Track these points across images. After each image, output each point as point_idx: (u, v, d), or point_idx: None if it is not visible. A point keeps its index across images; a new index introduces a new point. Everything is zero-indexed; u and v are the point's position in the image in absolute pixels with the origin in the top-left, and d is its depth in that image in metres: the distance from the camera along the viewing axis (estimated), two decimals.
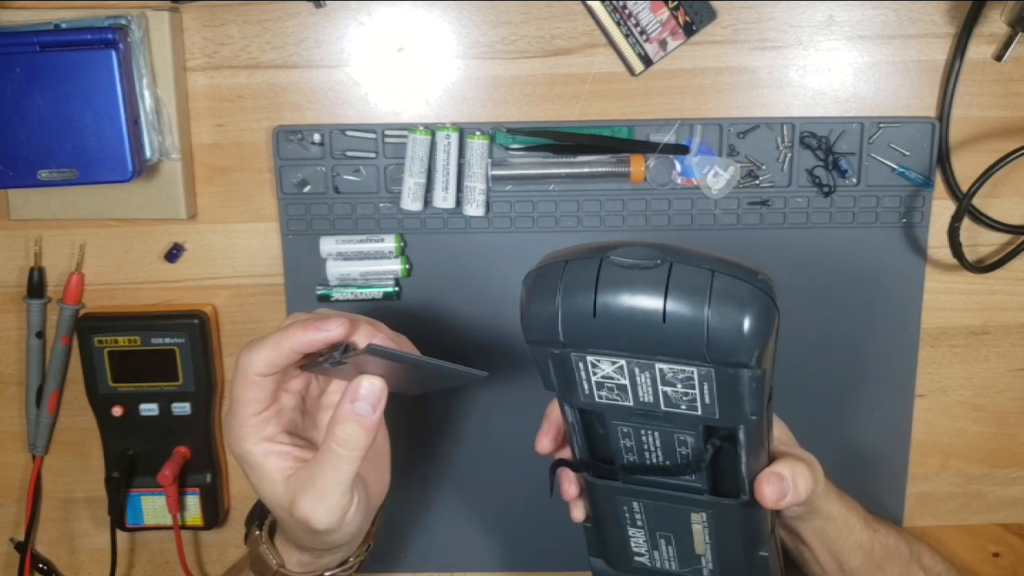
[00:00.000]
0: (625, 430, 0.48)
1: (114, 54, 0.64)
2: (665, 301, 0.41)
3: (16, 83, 0.64)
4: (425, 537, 0.80)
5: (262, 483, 0.53)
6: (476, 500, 0.79)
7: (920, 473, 0.79)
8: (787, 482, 0.50)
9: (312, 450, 0.54)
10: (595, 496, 0.53)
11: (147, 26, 0.67)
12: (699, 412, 0.45)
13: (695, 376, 0.43)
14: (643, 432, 0.48)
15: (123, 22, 0.66)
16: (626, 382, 0.45)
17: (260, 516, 0.60)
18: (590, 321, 0.42)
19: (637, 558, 0.55)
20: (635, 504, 0.51)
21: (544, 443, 0.56)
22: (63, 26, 0.66)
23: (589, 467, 0.51)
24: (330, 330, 0.49)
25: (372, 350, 0.47)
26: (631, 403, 0.46)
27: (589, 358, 0.44)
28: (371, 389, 0.49)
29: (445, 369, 0.49)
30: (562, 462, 0.53)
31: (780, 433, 0.58)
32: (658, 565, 0.55)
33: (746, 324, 0.41)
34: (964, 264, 0.70)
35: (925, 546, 0.71)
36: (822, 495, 0.58)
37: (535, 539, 0.79)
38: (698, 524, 0.51)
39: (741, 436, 0.46)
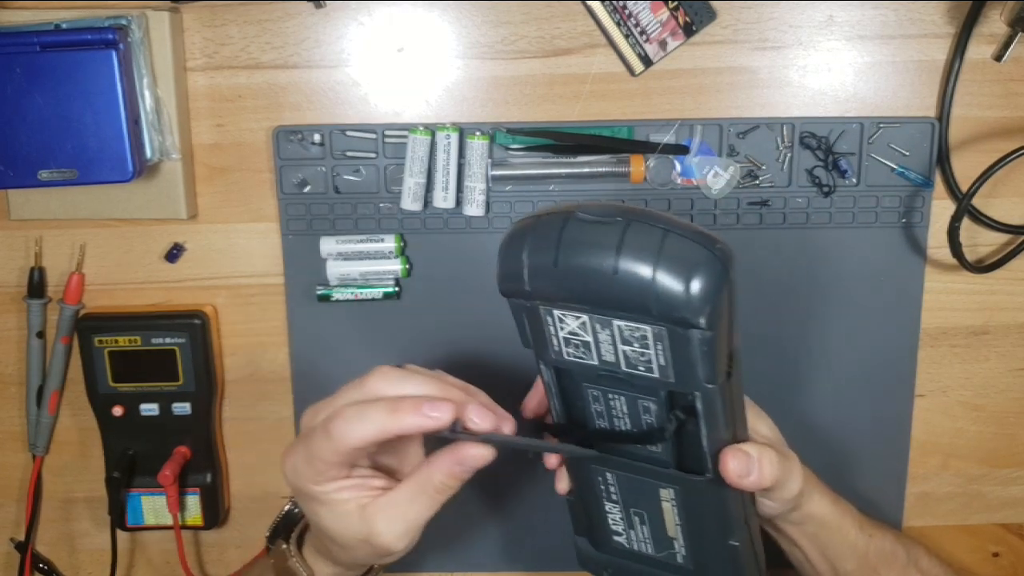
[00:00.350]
0: (595, 393, 0.50)
1: (114, 54, 0.64)
2: (618, 254, 0.43)
3: (16, 83, 0.64)
4: (426, 537, 0.79)
5: (335, 518, 0.52)
6: (476, 500, 0.79)
7: (920, 473, 0.79)
8: (752, 460, 0.50)
9: (380, 476, 0.54)
10: (572, 465, 0.55)
11: (147, 26, 0.67)
12: (656, 374, 0.46)
13: (650, 335, 0.44)
14: (611, 397, 0.49)
15: (123, 22, 0.66)
16: (590, 339, 0.46)
17: (286, 529, 0.61)
18: (552, 271, 0.44)
19: (616, 537, 0.56)
20: (609, 475, 0.53)
21: (529, 407, 0.57)
22: (63, 26, 0.66)
23: (562, 431, 0.53)
24: (443, 419, 0.49)
25: (486, 439, 0.50)
26: (596, 362, 0.47)
27: (556, 312, 0.46)
28: (479, 459, 0.51)
29: (555, 450, 0.53)
30: (542, 425, 0.54)
31: (768, 432, 0.58)
32: (636, 547, 0.56)
33: (692, 282, 0.42)
34: (964, 264, 0.70)
35: (923, 549, 0.71)
36: (813, 497, 0.59)
37: (535, 539, 0.79)
38: (667, 502, 0.52)
39: (699, 405, 0.47)
